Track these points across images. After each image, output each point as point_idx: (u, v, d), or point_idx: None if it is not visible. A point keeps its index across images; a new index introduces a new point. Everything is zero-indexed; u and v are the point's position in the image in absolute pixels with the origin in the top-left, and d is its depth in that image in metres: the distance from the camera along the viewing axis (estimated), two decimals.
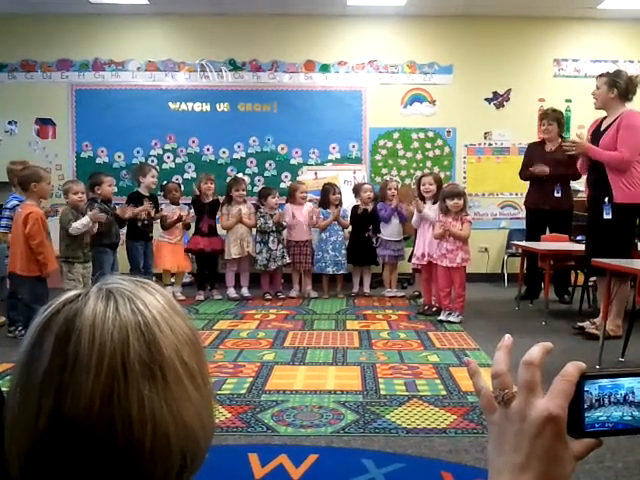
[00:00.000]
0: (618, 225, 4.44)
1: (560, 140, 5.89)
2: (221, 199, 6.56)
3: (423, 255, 5.67)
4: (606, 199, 4.48)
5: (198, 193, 6.43)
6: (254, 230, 6.46)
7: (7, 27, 7.43)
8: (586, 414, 0.58)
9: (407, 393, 3.34)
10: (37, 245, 4.44)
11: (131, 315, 0.59)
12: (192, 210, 6.53)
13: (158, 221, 6.25)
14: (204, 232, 6.42)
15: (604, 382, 0.58)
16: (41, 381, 0.57)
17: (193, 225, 6.55)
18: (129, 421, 0.56)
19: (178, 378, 0.60)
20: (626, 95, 4.52)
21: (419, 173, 7.26)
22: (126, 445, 0.56)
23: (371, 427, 2.85)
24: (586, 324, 4.71)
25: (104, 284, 0.63)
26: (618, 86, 4.49)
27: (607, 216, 4.47)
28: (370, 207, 6.48)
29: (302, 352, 4.24)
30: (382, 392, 3.36)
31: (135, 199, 6.04)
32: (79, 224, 4.85)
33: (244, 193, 6.50)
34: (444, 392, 3.36)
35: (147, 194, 6.15)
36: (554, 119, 5.97)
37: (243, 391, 3.38)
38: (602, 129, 4.60)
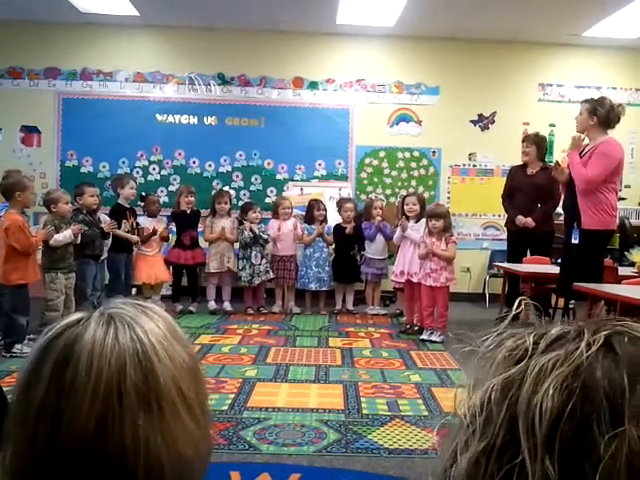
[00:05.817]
0: (586, 250, 4.50)
1: (541, 164, 5.99)
2: (204, 212, 6.55)
3: (402, 273, 5.69)
4: (575, 224, 4.55)
5: (179, 207, 6.42)
6: (236, 245, 6.46)
7: None
8: None
9: (389, 413, 3.35)
10: (32, 248, 4.44)
11: (130, 342, 0.60)
12: (172, 224, 6.52)
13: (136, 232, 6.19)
14: (186, 245, 6.40)
15: None
16: (38, 406, 0.57)
17: (173, 238, 6.53)
18: (123, 449, 0.56)
19: (174, 408, 0.60)
20: (607, 123, 4.57)
21: (404, 192, 7.31)
22: (119, 473, 0.56)
23: (353, 447, 2.84)
24: None
25: (106, 308, 0.63)
26: (598, 114, 4.54)
27: (575, 241, 4.54)
28: (351, 225, 6.48)
29: (284, 369, 4.23)
30: (364, 411, 3.36)
31: (117, 212, 6.02)
32: (61, 237, 4.80)
33: (226, 207, 6.49)
34: (426, 412, 3.37)
35: (127, 206, 6.14)
36: (532, 142, 6.04)
37: (225, 407, 3.36)
38: (582, 155, 4.68)
